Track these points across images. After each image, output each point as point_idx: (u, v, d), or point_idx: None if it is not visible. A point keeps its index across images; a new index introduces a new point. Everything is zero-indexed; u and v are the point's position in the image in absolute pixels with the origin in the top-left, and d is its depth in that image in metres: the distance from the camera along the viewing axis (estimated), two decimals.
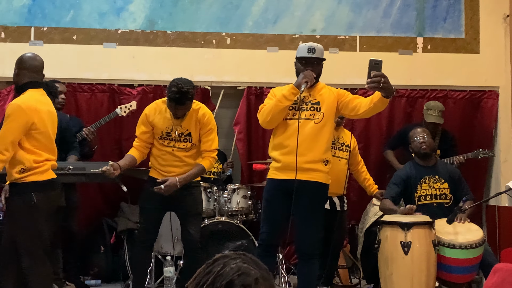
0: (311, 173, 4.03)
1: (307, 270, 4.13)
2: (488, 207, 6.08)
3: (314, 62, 4.11)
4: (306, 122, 4.04)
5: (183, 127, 4.39)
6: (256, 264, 1.55)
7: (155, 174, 4.45)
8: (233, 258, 1.55)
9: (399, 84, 6.19)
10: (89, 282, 5.44)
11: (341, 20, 6.19)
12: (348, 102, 4.09)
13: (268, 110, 4.05)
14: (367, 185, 5.26)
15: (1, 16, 5.81)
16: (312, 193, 4.06)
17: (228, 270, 1.51)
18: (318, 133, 4.04)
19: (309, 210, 4.05)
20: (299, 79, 4.02)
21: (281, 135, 4.09)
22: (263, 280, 1.51)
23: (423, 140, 4.84)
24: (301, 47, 4.17)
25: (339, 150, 5.01)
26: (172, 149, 4.39)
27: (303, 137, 3.98)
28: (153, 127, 4.42)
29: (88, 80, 5.91)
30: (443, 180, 4.80)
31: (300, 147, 3.95)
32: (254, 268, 1.53)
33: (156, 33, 6.00)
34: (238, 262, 1.53)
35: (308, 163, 4.01)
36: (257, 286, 1.49)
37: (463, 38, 6.26)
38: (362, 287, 5.50)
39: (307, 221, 4.06)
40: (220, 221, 5.14)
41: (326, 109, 4.07)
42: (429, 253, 4.21)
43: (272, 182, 4.14)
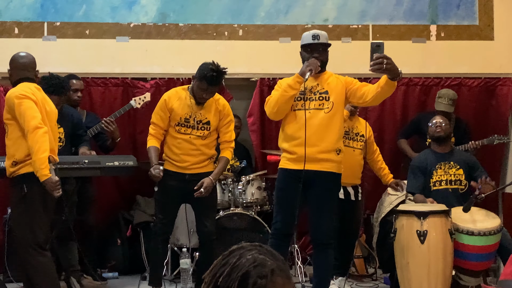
0: (323, 163, 4.02)
1: (322, 259, 4.13)
2: (504, 194, 6.04)
3: (320, 48, 4.10)
4: (316, 112, 4.02)
5: (202, 115, 4.43)
6: (272, 255, 1.55)
7: (169, 166, 4.47)
8: (249, 249, 1.55)
9: (413, 73, 6.17)
10: (106, 274, 5.48)
11: (354, 8, 6.15)
12: (356, 89, 4.07)
13: (275, 101, 4.03)
14: (382, 175, 5.24)
15: (14, 12, 5.84)
16: (325, 183, 4.06)
17: (244, 261, 1.51)
18: (328, 122, 4.02)
19: (322, 199, 4.06)
20: (303, 67, 3.99)
21: (291, 126, 4.07)
22: (280, 271, 1.51)
23: (439, 124, 4.84)
24: (305, 35, 4.16)
25: (353, 140, 4.99)
26: (190, 136, 4.42)
27: (315, 128, 3.97)
28: (170, 114, 4.44)
29: (102, 74, 5.93)
30: (458, 166, 4.79)
31: (312, 138, 3.95)
32: (270, 259, 1.52)
33: (168, 26, 6.01)
34: (254, 253, 1.53)
35: (321, 153, 4.00)
36: (273, 277, 1.49)
37: (477, 25, 6.20)
38: (378, 276, 5.49)
39: (321, 210, 4.06)
40: (235, 213, 5.15)
41: (335, 98, 4.05)
42: (446, 241, 4.19)
43: (285, 172, 4.12)
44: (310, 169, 3.97)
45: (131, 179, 5.63)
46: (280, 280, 1.50)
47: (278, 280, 1.49)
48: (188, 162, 4.42)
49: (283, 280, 1.50)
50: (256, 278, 1.48)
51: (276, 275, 1.49)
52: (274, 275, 1.49)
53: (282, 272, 1.51)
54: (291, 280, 1.55)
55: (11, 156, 3.87)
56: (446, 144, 4.93)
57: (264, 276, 1.48)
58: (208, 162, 4.54)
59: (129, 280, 5.23)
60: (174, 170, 4.46)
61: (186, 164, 4.43)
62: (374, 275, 5.54)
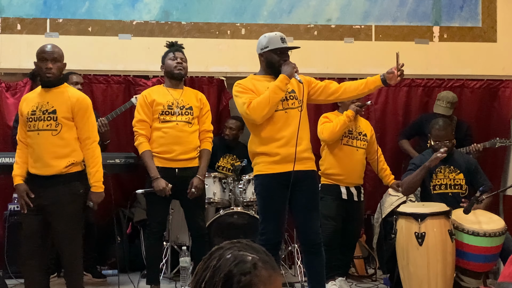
0: (306, 162, 4.00)
1: (316, 260, 4.01)
2: (505, 196, 6.03)
3: (287, 51, 4.06)
4: (292, 111, 3.98)
5: (184, 101, 4.54)
6: (253, 249, 1.53)
7: (157, 162, 4.48)
8: (228, 248, 1.53)
9: (415, 74, 6.16)
10: (106, 272, 5.49)
11: (357, 9, 6.15)
12: (323, 88, 4.12)
13: (265, 104, 3.86)
14: (383, 175, 5.22)
15: (17, 8, 5.84)
16: (311, 183, 4.04)
17: (225, 261, 1.49)
18: (304, 120, 4.01)
19: (309, 199, 4.00)
20: (287, 70, 3.91)
21: (269, 128, 3.95)
22: (263, 263, 1.49)
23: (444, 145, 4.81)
24: (272, 37, 4.03)
25: (356, 140, 4.97)
26: (176, 123, 4.46)
27: (295, 127, 3.92)
28: (152, 106, 4.50)
29: (104, 72, 5.93)
30: (459, 170, 4.77)
31: (294, 137, 3.89)
32: (251, 254, 1.51)
33: (171, 24, 6.01)
34: (234, 251, 1.51)
35: (304, 152, 3.97)
36: (257, 271, 1.47)
37: (480, 26, 6.20)
38: (378, 277, 5.49)
39: (311, 210, 4.00)
40: (236, 212, 5.14)
41: (302, 97, 4.06)
42: (445, 242, 4.19)
43: (268, 177, 3.95)
44: (297, 170, 3.88)
45: (132, 176, 5.63)
46: (265, 272, 1.48)
47: (263, 272, 1.47)
48: (176, 152, 4.44)
49: (268, 272, 1.48)
50: (239, 276, 1.46)
51: (260, 268, 1.48)
52: (258, 269, 1.47)
53: (266, 264, 1.49)
54: (277, 270, 1.53)
55: (65, 155, 3.94)
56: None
57: (247, 272, 1.46)
58: (196, 155, 4.56)
59: (129, 278, 5.22)
60: (162, 166, 4.46)
61: (173, 154, 4.44)
62: (374, 276, 5.54)
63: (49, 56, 3.95)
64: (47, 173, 3.93)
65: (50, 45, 4.03)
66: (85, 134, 4.01)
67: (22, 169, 4.01)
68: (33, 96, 4.07)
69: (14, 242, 5.17)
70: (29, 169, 4.00)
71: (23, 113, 4.01)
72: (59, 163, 3.92)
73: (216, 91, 6.05)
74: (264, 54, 4.06)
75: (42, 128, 3.93)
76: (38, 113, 3.95)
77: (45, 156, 3.92)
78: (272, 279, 1.48)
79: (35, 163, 3.96)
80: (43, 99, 3.99)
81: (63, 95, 4.00)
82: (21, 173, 4.01)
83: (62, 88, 4.05)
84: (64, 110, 3.95)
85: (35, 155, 3.95)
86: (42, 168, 3.93)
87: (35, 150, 3.94)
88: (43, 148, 3.92)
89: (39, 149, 3.93)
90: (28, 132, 3.98)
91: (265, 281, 1.47)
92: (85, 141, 4.01)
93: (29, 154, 4.00)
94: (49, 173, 3.92)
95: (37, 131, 3.93)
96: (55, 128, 3.93)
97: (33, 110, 3.96)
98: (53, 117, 3.93)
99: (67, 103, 3.97)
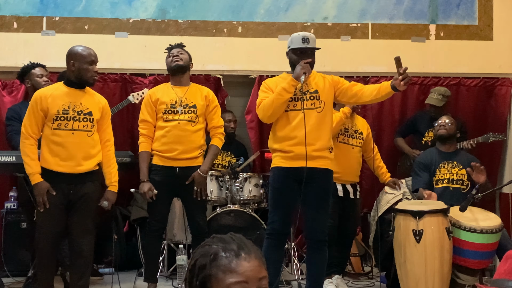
0: (319, 160, 4.07)
1: (318, 257, 4.12)
2: (501, 194, 6.05)
3: (309, 52, 4.12)
4: (310, 112, 4.06)
5: (188, 99, 4.50)
6: (221, 240, 1.55)
7: (158, 161, 4.48)
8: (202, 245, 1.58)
9: (412, 72, 6.08)
10: (102, 270, 5.49)
11: (354, 7, 6.15)
12: (346, 89, 4.15)
13: (269, 105, 4.04)
14: (380, 173, 5.24)
15: (13, 6, 5.83)
16: (322, 180, 4.10)
17: (192, 258, 1.56)
18: (322, 121, 4.08)
19: (319, 196, 4.09)
20: (297, 70, 4.01)
21: (285, 127, 4.09)
22: (225, 251, 1.51)
23: (444, 124, 4.89)
24: (295, 37, 4.14)
25: (352, 138, 4.98)
26: (178, 122, 4.44)
27: (310, 127, 4.01)
28: (156, 106, 4.50)
29: (100, 70, 5.78)
30: (462, 166, 4.82)
31: (308, 137, 3.98)
32: (216, 245, 1.53)
33: (167, 22, 6.01)
34: (202, 247, 1.56)
35: (317, 151, 4.05)
36: (216, 261, 1.49)
37: (477, 25, 6.21)
38: (375, 274, 5.50)
39: (319, 207, 4.09)
40: (232, 210, 5.15)
41: (325, 97, 4.12)
42: (442, 240, 4.20)
43: (281, 170, 4.11)
44: (310, 167, 4.00)
45: (129, 175, 5.62)
46: (226, 260, 1.49)
47: (223, 261, 1.48)
48: (177, 151, 4.43)
49: (229, 259, 1.49)
50: (198, 270, 1.51)
51: (221, 258, 1.49)
52: (218, 259, 1.49)
53: (229, 252, 1.50)
54: (244, 255, 1.51)
55: (94, 155, 4.08)
56: (451, 143, 5.01)
57: (203, 265, 1.50)
58: (198, 154, 4.54)
59: (125, 276, 5.22)
60: (163, 164, 4.46)
61: (175, 153, 4.43)
62: (370, 274, 5.55)
63: (96, 59, 4.13)
64: (78, 171, 4.00)
65: (90, 48, 4.16)
66: (108, 135, 4.21)
67: (38, 166, 3.99)
68: (58, 93, 4.06)
69: (11, 241, 5.17)
70: (51, 167, 3.99)
71: (50, 109, 3.98)
72: (90, 162, 4.06)
73: (213, 89, 6.00)
74: (288, 53, 4.18)
75: (78, 128, 4.01)
76: (71, 113, 4.01)
77: (78, 156, 4.00)
78: (233, 265, 1.48)
79: (63, 161, 3.98)
80: (75, 99, 4.05)
81: (93, 98, 4.17)
82: (39, 170, 3.98)
83: (88, 90, 4.18)
84: (97, 113, 4.12)
85: (65, 154, 3.98)
86: (74, 167, 3.99)
87: (67, 149, 3.98)
88: (78, 147, 4.01)
89: (73, 148, 3.99)
90: (55, 129, 3.98)
91: (225, 269, 1.48)
92: (106, 143, 4.20)
93: (50, 151, 3.98)
94: (80, 171, 4.00)
95: (72, 130, 3.99)
96: (91, 130, 4.07)
97: (65, 109, 3.99)
98: (90, 118, 4.06)
99: (99, 106, 4.15)
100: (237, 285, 1.46)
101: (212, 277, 1.48)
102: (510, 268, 2.01)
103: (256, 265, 1.50)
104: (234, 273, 1.47)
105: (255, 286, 1.47)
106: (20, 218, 5.22)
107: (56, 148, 3.97)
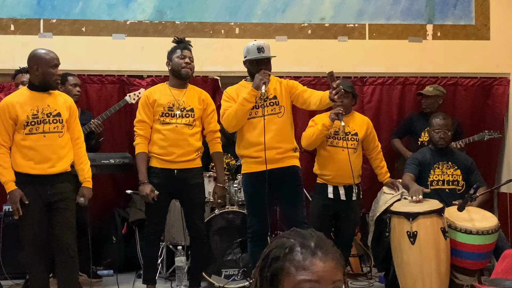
0: (285, 160, 4.35)
1: None
2: (499, 194, 6.06)
3: (265, 60, 4.32)
4: (271, 117, 4.30)
5: (186, 103, 4.48)
6: (300, 235, 1.52)
7: (156, 163, 4.47)
8: (280, 236, 1.56)
9: (409, 72, 6.18)
10: (101, 272, 5.48)
11: (351, 7, 6.16)
12: (298, 95, 4.36)
13: (233, 115, 4.27)
14: (379, 173, 5.18)
15: (10, 8, 5.83)
16: (290, 176, 4.34)
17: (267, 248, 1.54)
18: (283, 125, 4.34)
19: (291, 191, 4.34)
20: (256, 80, 4.21)
21: (250, 133, 4.31)
22: (301, 247, 1.48)
23: (443, 136, 4.83)
24: (250, 48, 4.35)
25: (343, 140, 4.84)
26: (176, 125, 4.43)
27: (273, 133, 4.26)
28: (153, 107, 4.48)
29: (98, 72, 5.93)
30: (456, 166, 4.82)
31: (272, 141, 4.24)
32: (294, 238, 1.50)
33: (165, 23, 6.01)
34: (280, 238, 1.55)
35: (281, 153, 4.32)
36: (290, 255, 1.46)
37: (474, 24, 6.22)
38: (373, 275, 5.50)
39: (293, 201, 4.34)
40: (231, 211, 5.14)
41: (284, 102, 4.36)
42: (437, 240, 4.19)
43: (250, 175, 4.37)
44: (274, 168, 4.28)
45: (127, 176, 5.63)
46: (300, 256, 1.46)
47: (297, 256, 1.46)
48: (175, 154, 4.42)
49: (304, 256, 1.46)
50: (271, 260, 1.48)
51: (296, 252, 1.46)
52: (293, 253, 1.46)
53: (305, 249, 1.47)
54: (321, 255, 1.47)
55: (66, 155, 4.14)
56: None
57: (277, 256, 1.47)
58: (196, 156, 4.52)
59: (124, 278, 5.23)
60: (161, 167, 4.45)
61: (173, 157, 4.42)
62: (369, 274, 5.55)
63: (59, 62, 4.13)
64: (52, 172, 4.05)
65: (52, 51, 4.15)
66: (77, 133, 4.27)
67: (12, 174, 4.04)
68: (24, 99, 4.08)
69: (10, 243, 5.16)
70: (26, 170, 4.02)
71: (19, 117, 4.01)
72: (63, 163, 4.10)
73: (211, 91, 6.04)
74: (245, 63, 4.40)
75: (49, 131, 4.06)
76: (41, 116, 4.04)
77: (52, 157, 4.06)
78: (307, 263, 1.44)
79: (37, 164, 4.03)
80: (42, 102, 4.08)
81: (59, 98, 4.19)
82: (13, 178, 4.03)
83: (53, 91, 4.20)
84: (65, 113, 4.15)
85: (38, 156, 4.03)
86: (49, 168, 4.04)
87: (40, 152, 4.03)
88: (51, 149, 4.06)
89: (45, 150, 4.04)
90: (27, 135, 4.01)
91: (298, 265, 1.44)
92: (76, 140, 4.24)
93: (23, 156, 4.02)
94: (54, 172, 4.05)
95: (43, 133, 4.03)
96: (61, 130, 4.11)
97: (34, 114, 4.02)
98: (59, 119, 4.11)
99: (66, 106, 4.18)
100: (307, 284, 1.42)
101: (284, 270, 1.45)
102: (507, 267, 2.02)
103: (332, 267, 1.46)
104: (307, 270, 1.44)
105: (327, 287, 1.44)
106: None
107: (29, 152, 4.03)
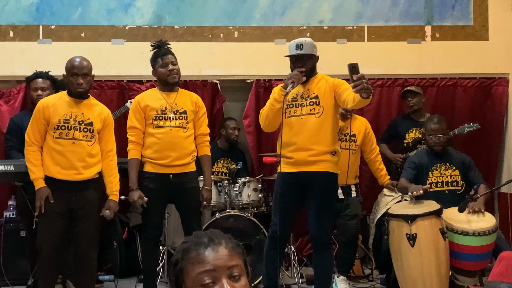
0: (319, 164, 4.12)
1: (323, 259, 4.19)
2: (500, 194, 6.05)
3: (304, 57, 4.17)
4: (308, 117, 4.14)
5: (178, 105, 4.47)
6: (196, 235, 1.59)
7: (151, 168, 4.43)
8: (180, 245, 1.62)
9: (408, 73, 6.19)
10: (102, 277, 5.48)
11: (349, 10, 6.17)
12: (340, 93, 4.16)
13: (265, 116, 4.22)
14: (379, 175, 5.23)
15: (9, 15, 5.85)
16: (323, 183, 4.14)
17: (171, 260, 1.60)
18: (320, 126, 4.13)
19: (321, 200, 4.14)
20: (286, 80, 4.10)
21: (286, 133, 4.16)
22: (195, 245, 1.54)
23: (439, 141, 4.83)
24: (291, 45, 4.22)
25: (341, 141, 4.97)
26: (170, 128, 4.40)
27: (307, 133, 4.11)
28: (145, 112, 4.44)
29: (97, 77, 5.81)
30: (454, 167, 4.81)
31: (306, 142, 4.09)
32: (190, 240, 1.57)
33: (164, 28, 6.02)
34: (181, 245, 1.59)
35: (315, 156, 4.11)
36: (186, 255, 1.53)
37: (472, 25, 6.23)
38: (375, 277, 5.50)
39: (320, 211, 4.15)
40: (231, 215, 5.14)
41: (325, 102, 4.16)
42: (437, 242, 4.19)
43: (283, 175, 4.22)
44: (307, 171, 4.10)
45: (127, 181, 5.61)
46: (194, 253, 1.52)
47: (192, 254, 1.52)
48: (171, 157, 4.38)
49: (198, 251, 1.52)
50: (172, 266, 1.56)
51: (191, 251, 1.53)
52: (188, 252, 1.53)
53: (198, 245, 1.53)
54: (211, 248, 1.54)
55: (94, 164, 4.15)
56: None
57: (176, 260, 1.55)
58: (191, 160, 4.49)
59: (125, 283, 5.23)
60: (156, 172, 4.42)
61: (168, 160, 4.38)
62: (370, 276, 5.54)
63: (80, 71, 4.09)
64: (78, 179, 4.06)
65: (79, 59, 4.14)
66: (110, 146, 4.27)
67: (42, 172, 4.05)
68: (60, 103, 4.12)
69: (11, 250, 5.17)
70: (53, 174, 4.04)
71: (51, 118, 4.06)
72: (90, 171, 4.11)
73: (210, 95, 6.06)
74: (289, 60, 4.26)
75: (79, 138, 4.08)
76: (72, 122, 4.08)
77: (78, 164, 4.06)
78: (201, 257, 1.51)
79: (64, 169, 4.04)
80: (77, 109, 4.12)
81: (95, 109, 4.21)
82: (42, 175, 4.05)
83: (91, 100, 4.24)
84: (98, 124, 4.18)
85: (65, 162, 4.04)
86: (74, 175, 4.05)
87: (67, 157, 4.05)
88: (78, 156, 4.07)
89: (73, 157, 4.05)
90: (56, 138, 4.04)
91: (193, 261, 1.51)
92: (108, 153, 4.25)
93: (52, 159, 4.05)
94: (80, 179, 4.07)
95: (72, 139, 4.06)
96: (91, 140, 4.13)
97: (66, 119, 4.06)
98: (90, 129, 4.13)
99: (100, 117, 4.21)
100: (204, 275, 1.49)
101: (184, 270, 1.52)
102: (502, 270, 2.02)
103: (225, 254, 1.53)
104: (201, 263, 1.50)
105: (225, 274, 1.50)
106: (19, 227, 5.22)
107: (58, 157, 4.04)
